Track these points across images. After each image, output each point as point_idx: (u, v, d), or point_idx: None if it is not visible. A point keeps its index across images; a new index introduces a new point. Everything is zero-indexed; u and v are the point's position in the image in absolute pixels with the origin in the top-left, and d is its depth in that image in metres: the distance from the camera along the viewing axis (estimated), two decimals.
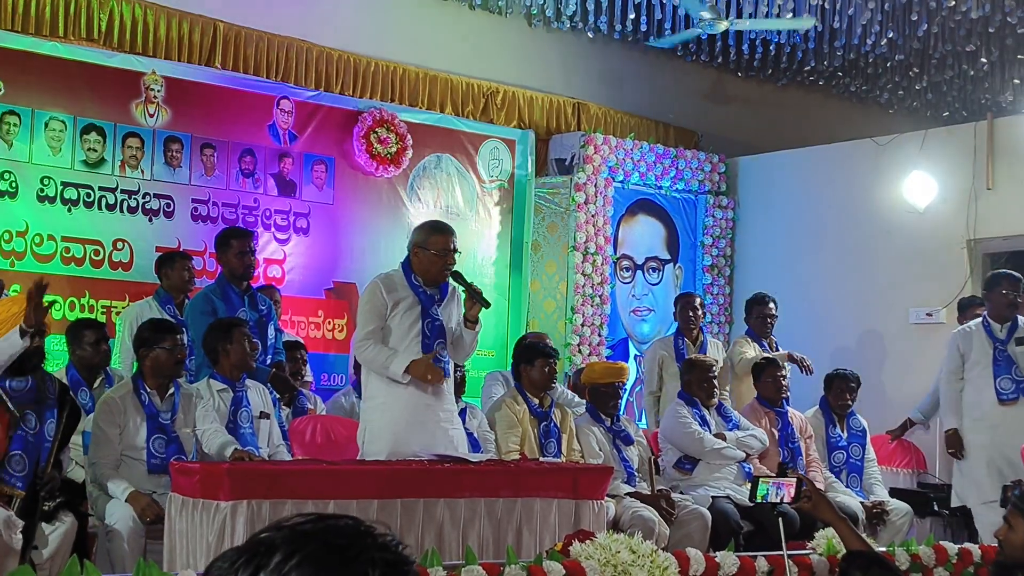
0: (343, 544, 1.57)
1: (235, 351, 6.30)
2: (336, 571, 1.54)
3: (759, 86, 12.97)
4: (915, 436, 9.49)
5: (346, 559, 1.55)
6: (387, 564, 1.58)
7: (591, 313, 10.62)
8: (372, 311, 5.93)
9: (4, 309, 5.40)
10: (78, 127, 8.42)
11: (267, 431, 6.40)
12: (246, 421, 6.23)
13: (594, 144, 10.78)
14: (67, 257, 8.34)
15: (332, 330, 9.56)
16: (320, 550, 1.56)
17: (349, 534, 1.59)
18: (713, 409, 7.83)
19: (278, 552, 1.56)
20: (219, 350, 6.34)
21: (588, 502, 5.67)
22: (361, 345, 5.92)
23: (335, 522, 1.61)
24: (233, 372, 6.31)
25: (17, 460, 5.26)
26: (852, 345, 10.53)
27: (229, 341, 6.30)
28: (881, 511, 7.95)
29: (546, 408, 7.27)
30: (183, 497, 5.02)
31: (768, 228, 11.47)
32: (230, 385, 6.29)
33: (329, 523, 1.60)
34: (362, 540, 1.58)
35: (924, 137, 10.41)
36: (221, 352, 6.33)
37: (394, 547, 1.61)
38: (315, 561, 1.54)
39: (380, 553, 1.58)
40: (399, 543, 1.62)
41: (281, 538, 1.58)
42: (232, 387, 6.30)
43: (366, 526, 1.62)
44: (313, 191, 9.55)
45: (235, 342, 6.30)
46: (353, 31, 10.04)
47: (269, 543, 1.57)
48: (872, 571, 4.06)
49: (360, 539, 1.58)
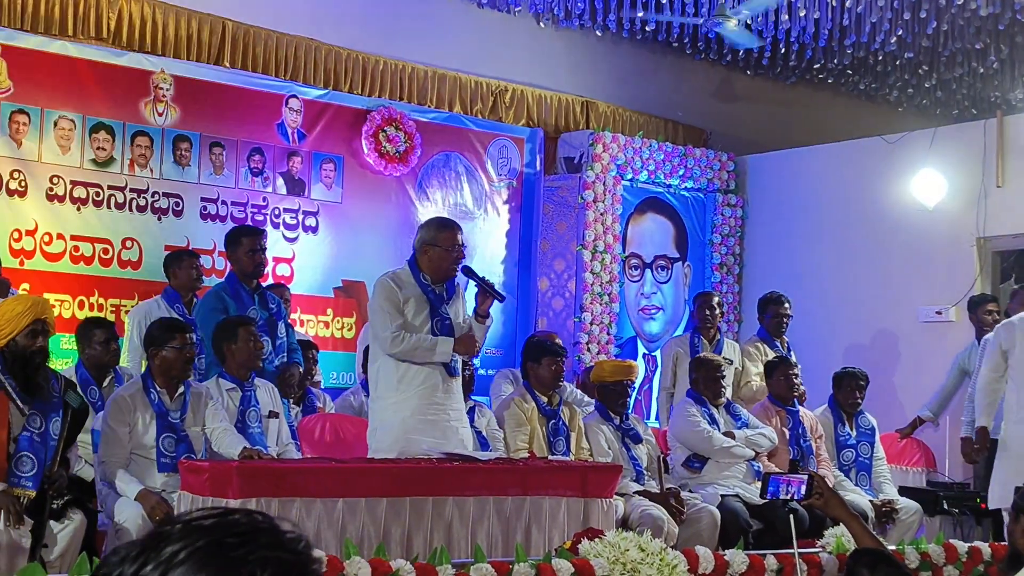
0: (234, 542, 1.53)
1: (240, 351, 6.31)
2: (221, 568, 1.51)
3: (768, 84, 12.95)
4: (925, 434, 9.47)
5: (234, 558, 1.51)
6: (281, 564, 1.53)
7: (600, 311, 10.61)
8: (390, 305, 5.93)
9: (8, 309, 5.39)
10: (87, 126, 8.43)
11: (276, 430, 6.41)
12: (255, 421, 6.25)
13: (603, 142, 10.78)
14: (76, 256, 8.35)
15: (341, 329, 9.57)
16: (210, 545, 1.52)
17: (244, 531, 1.55)
18: (722, 407, 7.82)
19: (169, 545, 1.53)
20: (224, 350, 6.36)
21: (597, 500, 5.67)
22: (395, 339, 5.89)
23: (236, 517, 1.57)
24: (239, 371, 6.33)
25: (25, 461, 5.27)
26: (862, 343, 10.51)
27: (234, 341, 6.32)
28: (891, 509, 7.93)
29: (554, 406, 7.28)
30: (192, 495, 5.04)
31: (777, 226, 11.45)
32: (238, 384, 6.30)
33: (229, 518, 1.57)
34: (256, 538, 1.54)
35: (934, 135, 10.39)
36: (227, 352, 6.35)
37: (294, 546, 1.56)
38: (201, 556, 1.51)
39: (275, 552, 1.53)
40: (304, 543, 1.58)
41: (175, 531, 1.54)
42: (240, 386, 6.31)
43: (270, 524, 1.57)
44: (322, 190, 9.55)
45: (240, 342, 6.31)
46: (362, 30, 10.05)
47: (163, 536, 1.55)
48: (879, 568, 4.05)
49: (255, 537, 1.54)
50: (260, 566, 1.52)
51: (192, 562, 1.51)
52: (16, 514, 5.09)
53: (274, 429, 6.40)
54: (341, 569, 4.16)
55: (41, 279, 8.03)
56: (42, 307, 5.48)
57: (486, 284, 5.96)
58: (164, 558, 1.52)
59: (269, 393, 6.52)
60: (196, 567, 1.50)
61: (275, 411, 6.43)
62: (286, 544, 1.56)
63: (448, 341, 5.86)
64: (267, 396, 6.48)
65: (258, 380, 6.50)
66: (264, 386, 6.52)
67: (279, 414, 6.47)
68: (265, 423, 6.35)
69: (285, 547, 1.55)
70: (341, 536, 4.88)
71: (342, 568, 4.16)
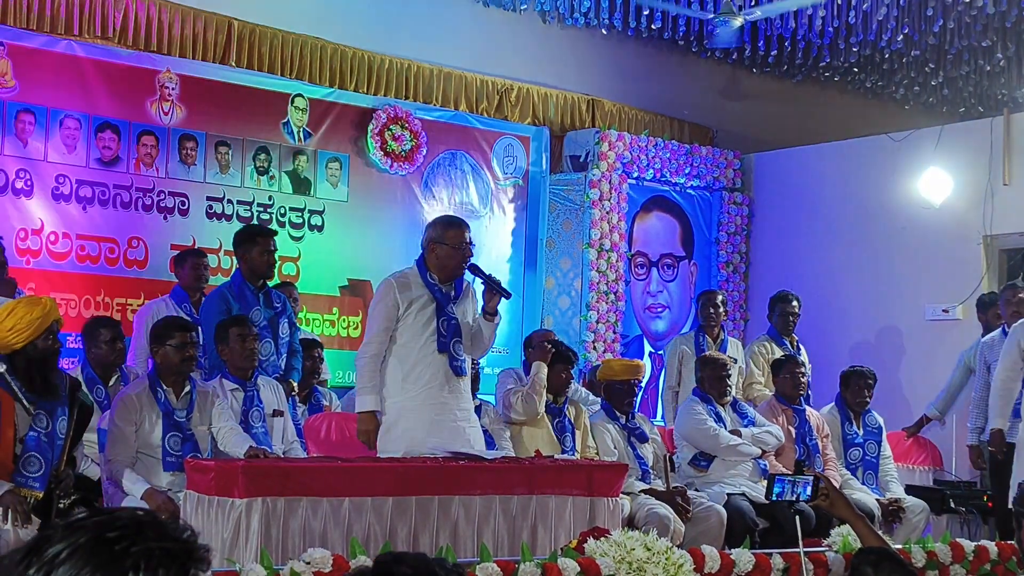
0: (116, 536, 1.54)
1: (232, 352, 6.32)
2: (105, 562, 1.51)
3: (774, 82, 12.93)
4: (931, 433, 9.45)
5: (117, 551, 1.52)
6: (165, 553, 1.54)
7: (606, 310, 10.61)
8: (382, 312, 5.98)
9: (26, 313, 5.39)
10: (93, 125, 8.43)
11: (280, 429, 6.41)
12: (258, 420, 6.25)
13: (609, 140, 10.77)
14: (82, 255, 8.36)
15: (347, 327, 9.57)
16: (92, 542, 1.53)
17: (126, 525, 1.56)
18: (728, 406, 7.81)
19: (51, 547, 1.54)
20: (219, 351, 6.38)
21: (603, 499, 5.68)
22: (362, 350, 6.06)
23: (119, 514, 1.58)
24: (237, 372, 6.33)
25: (33, 461, 5.28)
26: (868, 341, 10.50)
27: (225, 342, 6.33)
28: (897, 508, 7.92)
29: (560, 405, 7.29)
30: (198, 494, 5.04)
31: (783, 224, 11.44)
32: (241, 385, 6.31)
33: (108, 515, 1.58)
34: (139, 530, 1.55)
35: (940, 133, 10.37)
36: (221, 353, 6.37)
37: (178, 535, 1.57)
38: (84, 553, 1.52)
39: (159, 542, 1.54)
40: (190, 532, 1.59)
41: (57, 533, 1.55)
42: (243, 386, 6.31)
43: (153, 518, 1.58)
44: (328, 188, 9.55)
45: (231, 342, 6.31)
46: (367, 29, 10.04)
47: (46, 538, 1.56)
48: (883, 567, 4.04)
49: (137, 529, 1.55)
50: (144, 557, 1.53)
51: (75, 559, 1.52)
52: (23, 514, 5.10)
53: (279, 428, 6.41)
54: (347, 568, 4.16)
55: (47, 278, 8.04)
56: (56, 310, 5.52)
57: (492, 281, 5.96)
58: (47, 559, 1.53)
59: (274, 391, 6.53)
60: (80, 563, 1.51)
61: (279, 410, 6.44)
62: (170, 534, 1.57)
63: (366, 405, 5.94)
64: (272, 394, 6.48)
65: (263, 379, 6.50)
66: (269, 384, 6.53)
67: (283, 412, 6.47)
68: (269, 422, 6.35)
69: (169, 536, 1.57)
70: (347, 535, 4.88)
71: (347, 567, 4.16)
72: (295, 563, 4.13)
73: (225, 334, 6.34)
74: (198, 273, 7.72)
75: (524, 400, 7.17)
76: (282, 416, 6.46)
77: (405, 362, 5.97)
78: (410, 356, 5.97)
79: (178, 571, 1.56)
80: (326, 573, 4.12)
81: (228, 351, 6.34)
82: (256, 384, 6.39)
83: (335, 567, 4.14)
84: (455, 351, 5.98)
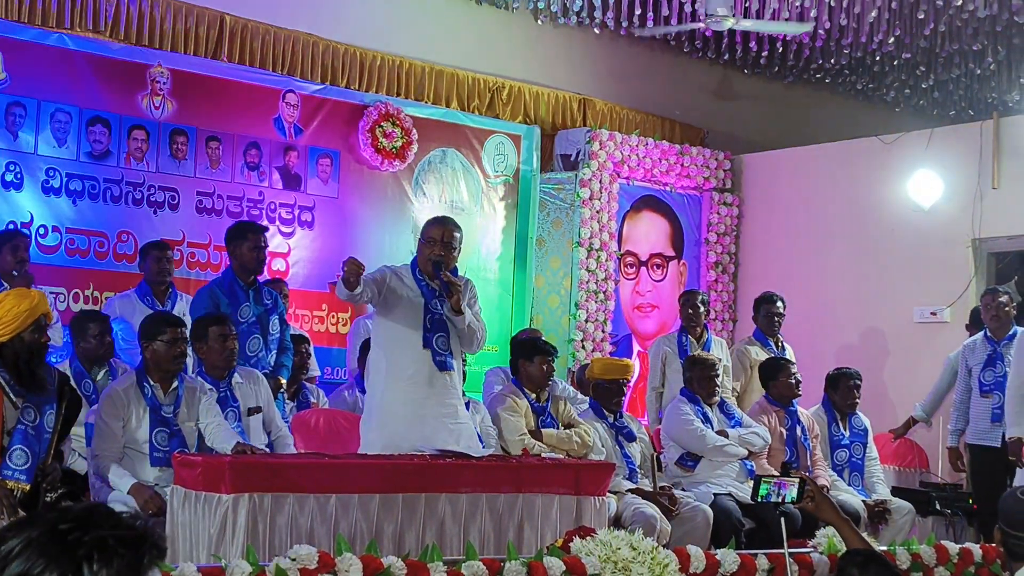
0: (69, 527, 1.55)
1: (210, 351, 6.23)
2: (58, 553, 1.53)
3: (765, 83, 12.96)
4: (918, 435, 9.48)
5: (70, 541, 1.53)
6: (119, 541, 1.55)
7: (595, 309, 10.63)
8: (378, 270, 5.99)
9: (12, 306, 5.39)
10: (84, 118, 8.43)
11: (259, 427, 6.36)
12: (233, 420, 6.14)
13: (599, 140, 10.78)
14: (72, 249, 8.35)
15: (336, 324, 9.57)
16: (45, 534, 1.54)
17: (78, 516, 1.57)
18: (715, 406, 7.83)
19: (5, 542, 1.55)
20: (197, 349, 6.29)
21: (590, 498, 5.68)
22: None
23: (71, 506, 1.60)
24: (213, 371, 6.24)
25: (19, 454, 5.27)
26: (856, 343, 10.53)
27: (204, 341, 6.24)
28: (883, 510, 7.95)
29: (543, 403, 7.30)
30: (185, 490, 5.03)
31: (773, 226, 11.47)
32: (215, 384, 6.20)
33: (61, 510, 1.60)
34: (91, 520, 1.56)
35: (930, 136, 10.40)
36: (199, 351, 6.29)
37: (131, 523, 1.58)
38: (37, 546, 1.53)
39: (112, 531, 1.56)
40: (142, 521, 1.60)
41: (10, 529, 1.57)
42: (217, 386, 6.20)
43: (107, 509, 1.60)
44: (318, 185, 9.55)
45: (211, 341, 6.22)
46: (359, 25, 10.05)
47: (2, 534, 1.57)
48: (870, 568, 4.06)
49: (90, 519, 1.56)
50: (98, 547, 1.54)
51: (29, 552, 1.54)
52: (10, 507, 5.09)
53: (256, 425, 6.34)
54: (332, 566, 4.16)
55: (36, 272, 8.01)
56: (45, 303, 5.50)
57: (441, 280, 5.94)
58: (1, 555, 1.53)
59: (253, 385, 6.44)
60: (33, 556, 1.53)
61: (255, 407, 6.35)
62: (123, 522, 1.59)
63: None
64: (250, 389, 6.39)
65: (242, 371, 6.40)
66: (249, 377, 6.43)
67: (261, 409, 6.41)
68: (245, 421, 6.26)
69: (122, 525, 1.58)
70: (334, 532, 4.88)
71: (333, 564, 4.17)
72: (281, 560, 4.13)
73: (204, 332, 6.24)
74: (160, 266, 7.67)
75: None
76: (259, 413, 6.39)
77: (390, 355, 6.00)
78: (395, 349, 5.99)
79: (132, 559, 1.57)
80: (311, 570, 4.12)
81: (207, 349, 6.24)
82: (231, 384, 6.29)
83: (321, 564, 4.15)
84: (439, 346, 5.99)
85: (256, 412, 6.37)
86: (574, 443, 7.09)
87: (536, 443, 6.98)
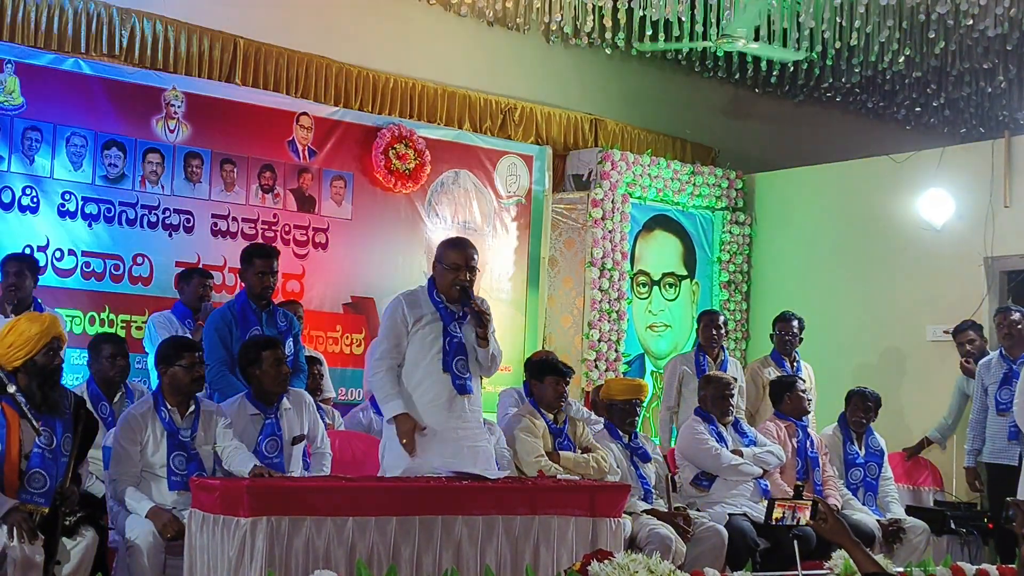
0: None
1: (264, 375, 6.20)
2: None
3: (776, 102, 12.99)
4: (932, 454, 9.47)
5: None
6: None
7: (608, 329, 10.64)
8: (390, 329, 5.99)
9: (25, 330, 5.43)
10: (99, 142, 8.47)
11: (299, 456, 6.34)
12: (274, 450, 6.14)
13: (611, 160, 10.81)
14: (87, 272, 8.39)
15: (350, 345, 9.59)
16: None
17: None
18: (729, 426, 7.84)
19: None
20: (249, 373, 6.27)
21: (605, 520, 5.68)
22: (376, 367, 6.02)
23: None
24: (265, 396, 6.23)
25: (37, 477, 5.30)
26: (869, 362, 10.51)
27: (259, 365, 6.21)
28: (898, 529, 7.95)
29: (560, 424, 7.30)
30: (204, 513, 5.06)
31: (785, 244, 11.48)
32: (262, 411, 6.20)
33: None
34: None
35: (941, 154, 10.41)
36: (251, 376, 6.26)
37: None
38: None
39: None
40: None
41: None
42: (264, 413, 6.20)
43: None
44: (332, 206, 9.59)
45: (265, 365, 6.19)
46: (372, 48, 10.10)
47: None
48: None
49: None
50: None
51: None
52: (29, 530, 5.12)
53: (297, 455, 6.32)
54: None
55: (52, 295, 8.05)
56: (57, 326, 5.54)
57: (474, 312, 5.94)
58: None
59: (300, 409, 6.40)
60: None
61: (300, 435, 6.33)
62: None
63: (394, 409, 5.89)
64: (296, 415, 6.35)
65: (289, 397, 6.35)
66: (296, 402, 6.39)
67: (304, 437, 6.41)
68: (287, 451, 6.24)
69: None
70: (351, 555, 4.90)
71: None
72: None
73: (258, 357, 6.20)
74: (201, 293, 7.76)
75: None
76: (302, 442, 6.38)
77: (410, 380, 5.99)
78: (415, 374, 5.99)
79: None
80: None
81: (262, 374, 6.19)
82: (278, 410, 6.26)
83: None
84: (459, 370, 5.98)
85: (299, 441, 6.35)
86: (591, 468, 7.09)
87: (552, 465, 6.98)
